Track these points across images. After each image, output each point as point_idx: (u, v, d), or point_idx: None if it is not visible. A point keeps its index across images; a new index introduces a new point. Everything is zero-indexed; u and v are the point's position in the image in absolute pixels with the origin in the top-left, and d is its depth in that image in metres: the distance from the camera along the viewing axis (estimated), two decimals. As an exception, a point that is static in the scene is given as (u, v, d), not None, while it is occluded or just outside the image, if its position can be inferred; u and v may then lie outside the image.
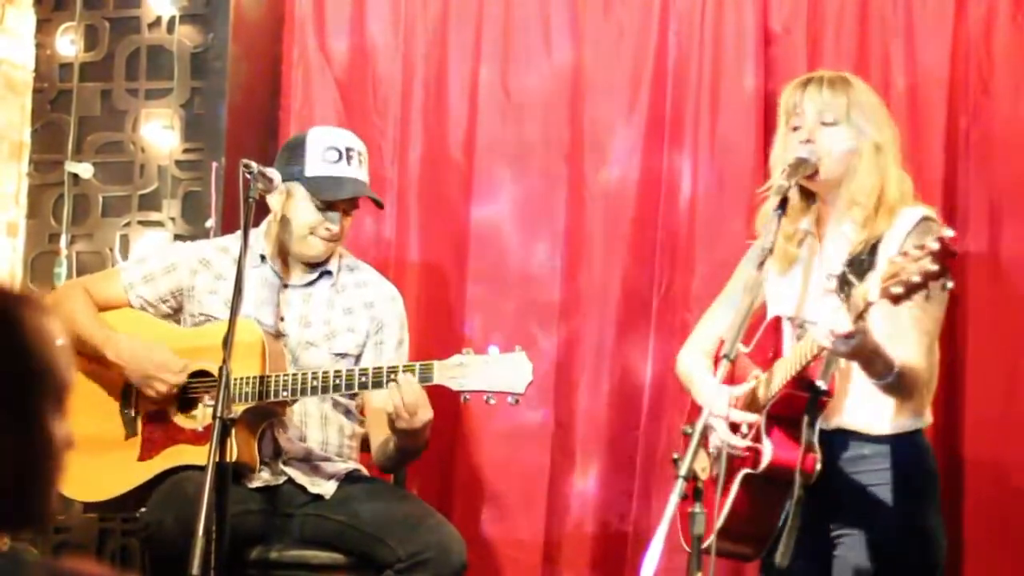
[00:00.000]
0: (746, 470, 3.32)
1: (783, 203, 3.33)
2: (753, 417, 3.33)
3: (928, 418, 3.45)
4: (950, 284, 2.78)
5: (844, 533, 3.37)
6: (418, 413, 3.68)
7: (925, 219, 3.36)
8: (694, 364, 3.68)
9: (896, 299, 2.82)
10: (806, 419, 3.29)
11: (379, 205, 4.19)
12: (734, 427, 3.35)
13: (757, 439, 3.32)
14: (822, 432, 3.31)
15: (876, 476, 3.37)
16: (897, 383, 3.22)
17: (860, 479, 3.36)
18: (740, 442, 3.32)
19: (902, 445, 3.38)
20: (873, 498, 3.35)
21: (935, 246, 2.75)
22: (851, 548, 3.35)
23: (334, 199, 4.03)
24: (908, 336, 3.24)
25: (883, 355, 3.15)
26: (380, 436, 3.97)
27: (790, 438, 3.31)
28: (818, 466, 3.28)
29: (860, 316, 2.96)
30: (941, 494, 3.49)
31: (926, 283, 2.77)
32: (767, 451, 3.29)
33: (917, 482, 3.40)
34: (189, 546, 3.17)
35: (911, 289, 2.79)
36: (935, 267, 2.75)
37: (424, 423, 3.71)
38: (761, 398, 3.33)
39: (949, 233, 2.77)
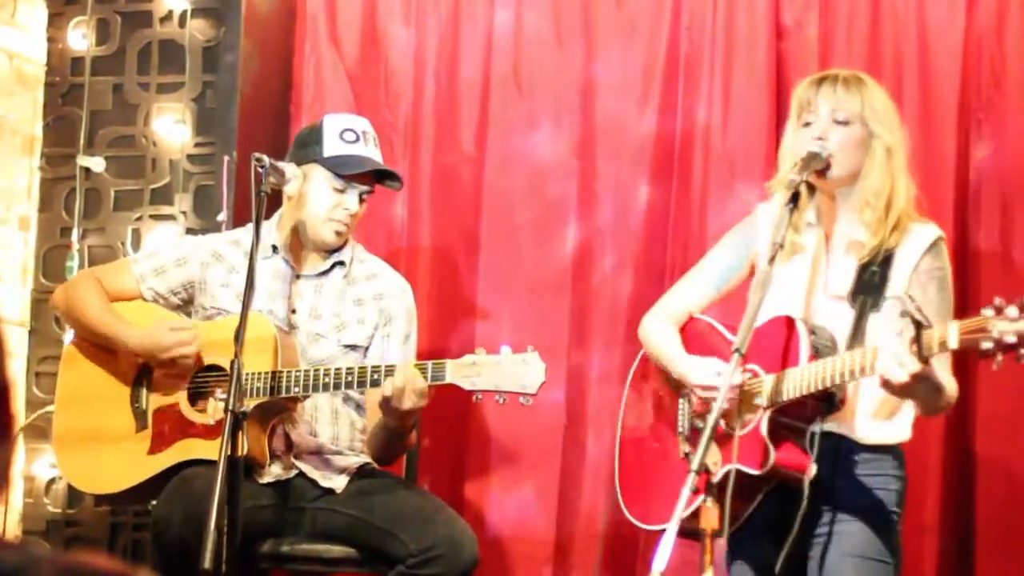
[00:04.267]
0: (739, 466, 3.30)
1: (794, 197, 3.32)
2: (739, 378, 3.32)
3: (910, 433, 3.47)
4: None
5: (821, 533, 3.38)
6: (405, 398, 3.68)
7: (939, 239, 3.43)
8: (666, 337, 3.66)
9: (983, 355, 2.81)
10: (818, 427, 3.29)
11: (397, 184, 4.19)
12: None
13: (756, 437, 3.31)
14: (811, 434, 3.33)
15: (866, 481, 3.40)
16: (945, 405, 3.30)
17: (848, 483, 3.38)
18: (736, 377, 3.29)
19: (886, 455, 3.42)
20: (860, 502, 3.38)
21: None
22: (828, 547, 3.36)
23: (355, 172, 4.04)
24: (943, 362, 3.25)
25: (943, 391, 3.16)
26: (373, 420, 4.00)
27: (791, 442, 3.31)
28: (813, 472, 3.29)
29: (928, 359, 2.96)
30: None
31: (1020, 346, 2.76)
32: (772, 454, 3.28)
33: (897, 490, 3.43)
34: (198, 543, 3.17)
35: (1003, 349, 2.77)
36: None
37: (411, 408, 3.70)
38: (766, 398, 3.31)
39: None
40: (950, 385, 3.26)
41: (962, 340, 2.84)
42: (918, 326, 2.95)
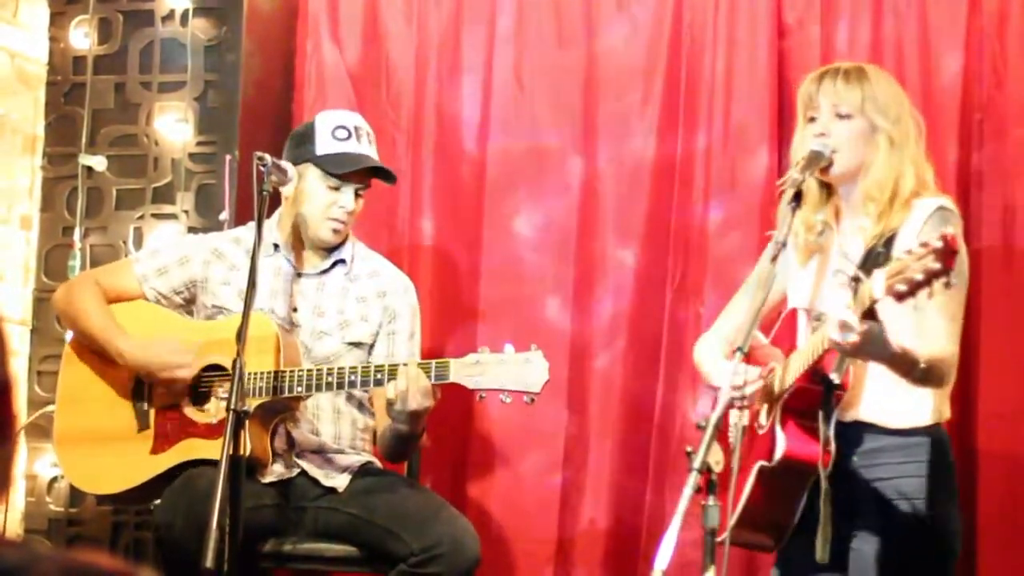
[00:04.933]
0: (761, 462, 3.32)
1: (797, 196, 3.32)
2: (755, 373, 3.32)
3: (946, 412, 3.44)
4: (954, 282, 2.77)
5: (861, 525, 3.36)
6: (410, 399, 3.67)
7: (940, 208, 3.36)
8: (707, 349, 3.69)
9: (900, 296, 2.82)
10: (822, 413, 3.28)
11: (391, 180, 4.18)
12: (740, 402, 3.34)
13: (771, 431, 3.32)
14: (839, 424, 3.31)
15: (894, 469, 3.36)
16: (926, 376, 3.23)
17: (877, 472, 3.36)
18: (749, 388, 3.30)
19: (920, 439, 3.38)
20: (890, 491, 3.35)
21: (938, 244, 2.75)
22: (867, 541, 3.35)
23: (348, 171, 4.04)
24: (935, 324, 3.24)
25: (899, 352, 3.14)
26: (384, 423, 3.99)
27: (804, 431, 3.31)
28: (831, 459, 3.28)
29: (868, 312, 2.95)
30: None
31: (929, 281, 2.77)
32: (780, 443, 3.29)
33: (934, 475, 3.38)
34: (200, 543, 3.17)
35: (914, 287, 2.78)
36: (937, 265, 2.75)
37: (417, 409, 3.69)
38: (776, 390, 3.33)
39: (951, 230, 2.77)
40: (927, 345, 3.21)
41: (887, 286, 2.85)
42: (856, 282, 2.97)
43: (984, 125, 4.53)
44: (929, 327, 3.21)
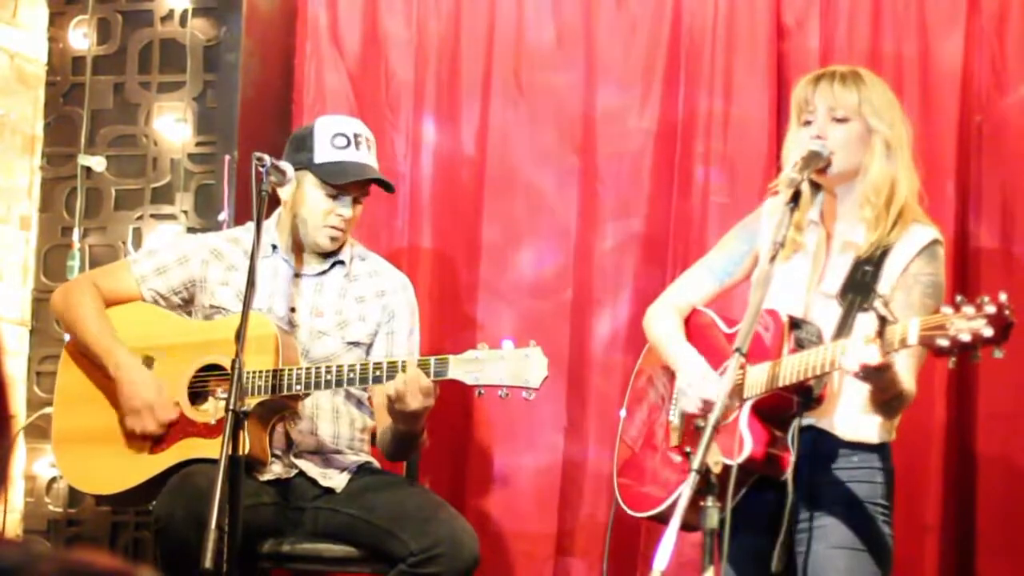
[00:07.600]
0: (722, 459, 3.31)
1: (795, 196, 3.32)
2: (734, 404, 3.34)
3: (895, 434, 3.48)
4: (999, 354, 2.76)
5: (805, 528, 3.39)
6: (410, 399, 3.67)
7: (934, 242, 3.40)
8: (672, 330, 3.66)
9: (940, 352, 2.81)
10: (796, 422, 3.29)
11: (389, 189, 4.18)
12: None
13: (734, 428, 3.32)
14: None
15: (847, 474, 3.40)
16: (895, 410, 3.33)
17: (831, 476, 3.39)
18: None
19: (871, 453, 3.42)
20: (837, 496, 3.39)
21: (991, 309, 2.73)
22: (813, 540, 3.37)
23: (344, 183, 4.04)
24: (907, 363, 3.27)
25: (898, 384, 3.17)
26: (384, 423, 3.98)
27: (768, 433, 3.31)
28: (791, 466, 3.29)
29: (890, 351, 2.97)
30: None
31: (975, 346, 2.76)
32: (747, 445, 3.29)
33: (881, 490, 3.43)
34: (200, 540, 3.17)
35: (958, 348, 2.78)
36: (990, 332, 2.74)
37: (419, 408, 3.69)
38: (746, 389, 3.32)
39: (1004, 297, 2.76)
40: (908, 386, 3.27)
41: (922, 336, 2.85)
42: (883, 321, 2.96)
43: (983, 126, 4.54)
44: (903, 365, 3.23)
